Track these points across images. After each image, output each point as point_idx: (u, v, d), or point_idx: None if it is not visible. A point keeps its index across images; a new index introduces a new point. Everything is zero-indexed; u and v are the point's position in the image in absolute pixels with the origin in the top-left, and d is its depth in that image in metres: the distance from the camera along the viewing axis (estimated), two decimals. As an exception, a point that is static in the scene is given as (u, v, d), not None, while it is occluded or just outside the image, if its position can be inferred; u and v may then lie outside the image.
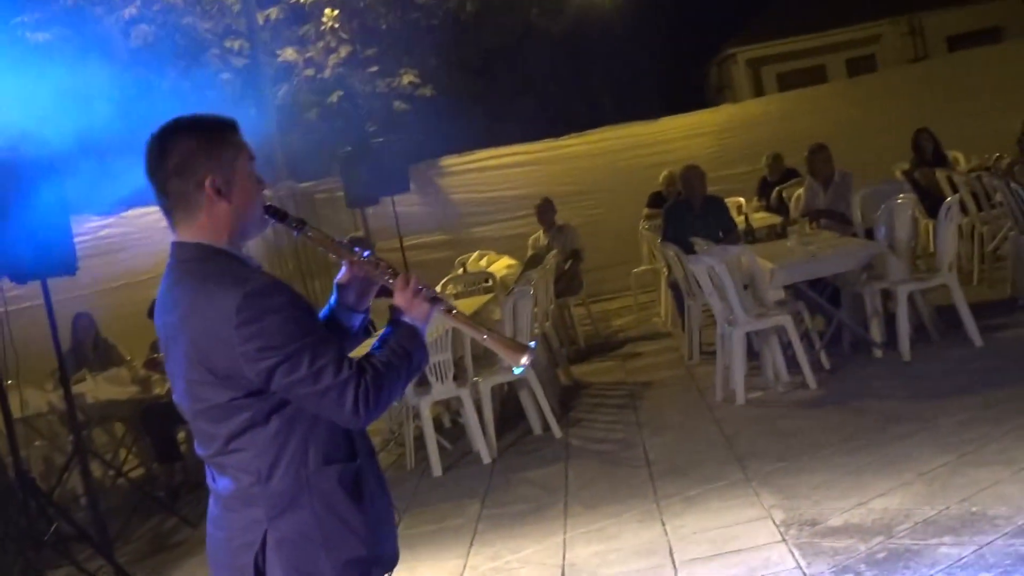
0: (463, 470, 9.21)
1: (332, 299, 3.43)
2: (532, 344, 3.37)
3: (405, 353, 3.14)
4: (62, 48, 20.06)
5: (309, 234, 3.30)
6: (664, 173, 15.44)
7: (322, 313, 3.40)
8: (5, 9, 19.44)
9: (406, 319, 3.22)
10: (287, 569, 3.09)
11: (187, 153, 3.11)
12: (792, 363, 9.63)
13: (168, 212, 3.18)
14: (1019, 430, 7.03)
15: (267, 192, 3.31)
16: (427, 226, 18.28)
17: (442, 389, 9.30)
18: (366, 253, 3.33)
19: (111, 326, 12.48)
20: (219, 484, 3.20)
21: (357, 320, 3.43)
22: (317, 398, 3.00)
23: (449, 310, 3.30)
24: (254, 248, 17.63)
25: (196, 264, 3.12)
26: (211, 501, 3.27)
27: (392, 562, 3.28)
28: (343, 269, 3.40)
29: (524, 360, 3.28)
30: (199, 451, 3.24)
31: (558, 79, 30.69)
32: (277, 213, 3.28)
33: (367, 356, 3.10)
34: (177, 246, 3.18)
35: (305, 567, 3.09)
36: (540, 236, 14.72)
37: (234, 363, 3.00)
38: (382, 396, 3.04)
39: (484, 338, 3.36)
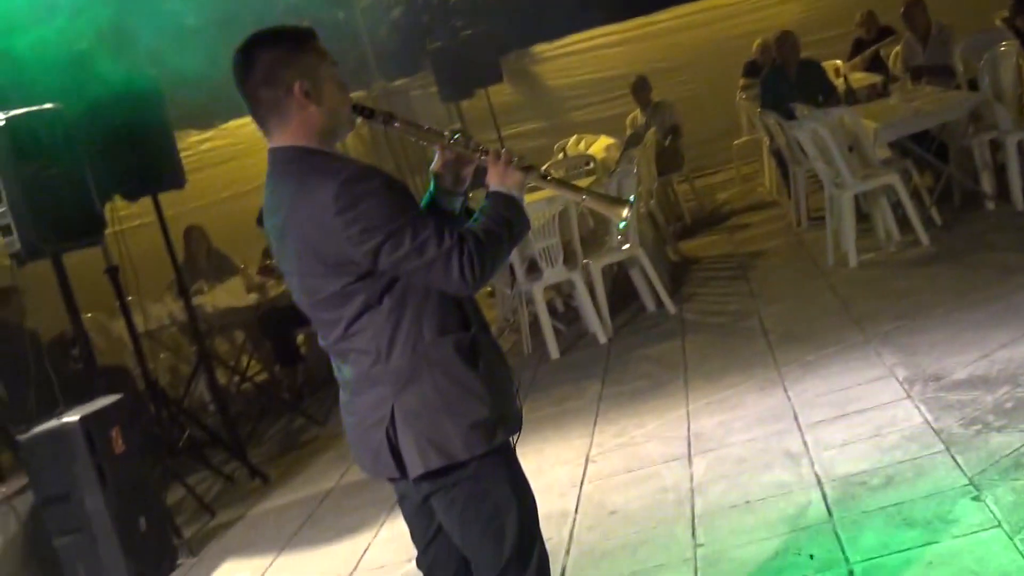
0: (580, 352, 9.26)
1: (431, 187, 3.49)
2: (631, 198, 3.44)
3: (504, 220, 3.21)
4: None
5: (396, 125, 3.38)
6: (757, 41, 15.14)
7: (422, 202, 3.46)
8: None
9: (501, 190, 3.26)
10: (417, 439, 3.21)
11: (272, 62, 3.22)
12: (903, 222, 9.51)
13: (262, 121, 3.29)
14: None
15: (360, 93, 3.41)
16: (524, 115, 18.24)
17: (553, 273, 9.34)
18: (458, 136, 3.37)
19: (222, 237, 12.63)
20: (344, 372, 3.36)
21: (457, 202, 3.49)
22: (425, 271, 3.11)
23: (544, 176, 3.37)
24: (353, 151, 17.73)
25: (294, 165, 3.22)
26: (341, 392, 3.42)
27: (517, 423, 3.38)
28: (436, 157, 3.45)
29: (625, 213, 3.33)
30: (321, 342, 3.38)
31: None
32: (364, 110, 3.36)
33: (467, 227, 3.17)
34: (274, 152, 3.29)
35: (433, 435, 3.20)
36: (637, 115, 14.64)
37: (341, 249, 3.11)
38: (486, 261, 3.11)
39: (583, 198, 3.46)
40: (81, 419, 6.71)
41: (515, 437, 3.39)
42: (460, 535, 3.35)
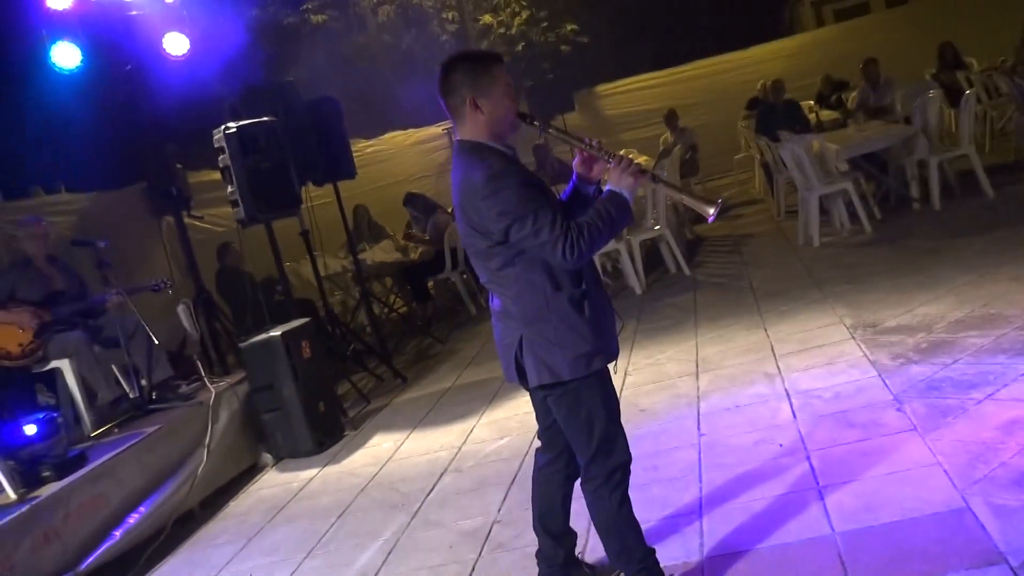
0: (622, 300, 9.22)
1: (573, 177, 3.42)
2: (719, 200, 3.29)
3: (608, 215, 3.11)
4: (333, 25, 20.28)
5: (550, 131, 3.33)
6: (759, 84, 14.99)
7: (567, 189, 3.43)
8: (296, 0, 19.72)
9: (615, 189, 3.17)
10: (535, 360, 3.25)
11: (456, 79, 3.20)
12: (853, 216, 9.37)
13: (451, 118, 3.28)
14: (1023, 256, 6.76)
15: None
16: (587, 134, 18.09)
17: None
18: (594, 143, 3.29)
19: (379, 212, 12.73)
20: (494, 303, 3.38)
21: (591, 189, 3.39)
22: (539, 248, 3.10)
23: (654, 178, 3.26)
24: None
25: (465, 155, 3.22)
26: (492, 317, 3.43)
27: (613, 355, 3.34)
28: (577, 156, 3.39)
29: (712, 211, 3.19)
30: (480, 280, 3.39)
31: (676, 20, 29.89)
32: (527, 118, 3.28)
33: (578, 219, 3.10)
34: (457, 143, 3.29)
35: (547, 359, 3.23)
36: (667, 136, 14.51)
37: (485, 222, 3.14)
38: (583, 247, 3.05)
39: (683, 198, 3.32)
40: (282, 334, 6.83)
41: (613, 365, 3.36)
42: (564, 428, 3.37)
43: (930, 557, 3.29)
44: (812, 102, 14.64)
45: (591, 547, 4.05)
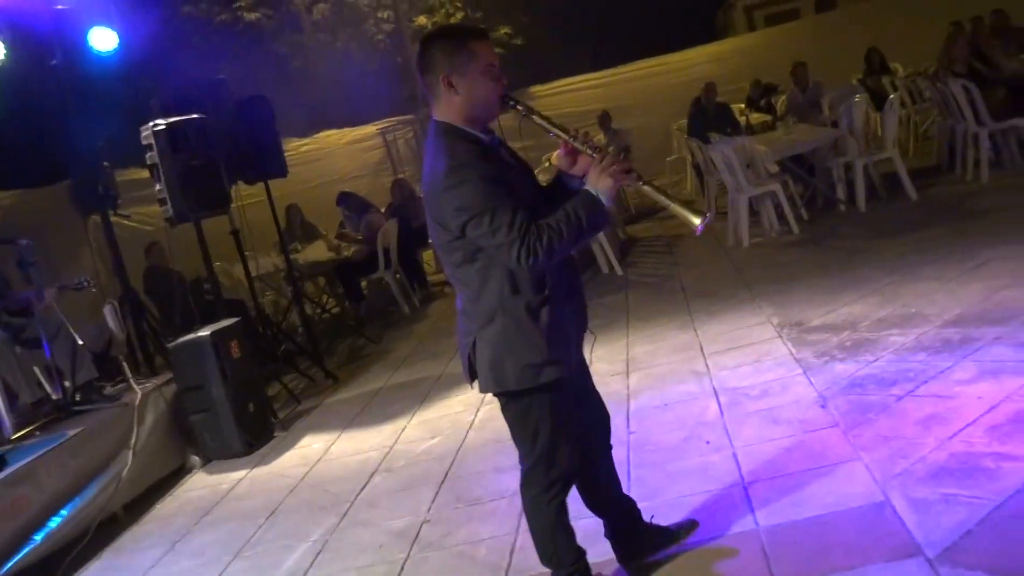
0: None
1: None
2: (708, 213, 3.00)
3: (576, 219, 2.89)
4: (267, 23, 20.07)
5: (534, 117, 3.10)
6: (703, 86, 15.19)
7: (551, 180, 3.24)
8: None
9: (590, 189, 2.95)
10: (485, 363, 3.11)
11: (432, 56, 2.99)
12: (781, 217, 9.51)
13: (429, 98, 3.08)
14: (943, 257, 6.90)
15: (410, 116, 3.23)
16: (522, 135, 18.19)
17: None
18: (579, 135, 3.06)
19: (312, 212, 12.64)
20: (457, 300, 3.21)
21: (575, 183, 3.10)
22: (495, 249, 2.92)
23: (639, 180, 3.00)
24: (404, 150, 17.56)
25: (436, 139, 3.02)
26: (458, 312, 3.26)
27: (567, 366, 3.15)
28: (561, 147, 3.15)
29: (699, 223, 2.95)
30: (445, 272, 3.26)
31: (610, 23, 30.17)
32: (509, 100, 3.06)
33: (542, 221, 2.90)
34: (431, 124, 3.08)
35: (495, 364, 3.09)
36: (601, 138, 14.55)
37: (444, 215, 2.96)
38: (540, 254, 2.85)
39: (671, 205, 3.00)
40: (211, 334, 6.73)
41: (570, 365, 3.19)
42: (510, 431, 3.28)
43: (851, 550, 3.34)
44: (743, 105, 14.85)
45: (520, 544, 4.05)
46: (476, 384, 3.21)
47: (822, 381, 5.07)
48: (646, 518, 3.67)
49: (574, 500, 3.39)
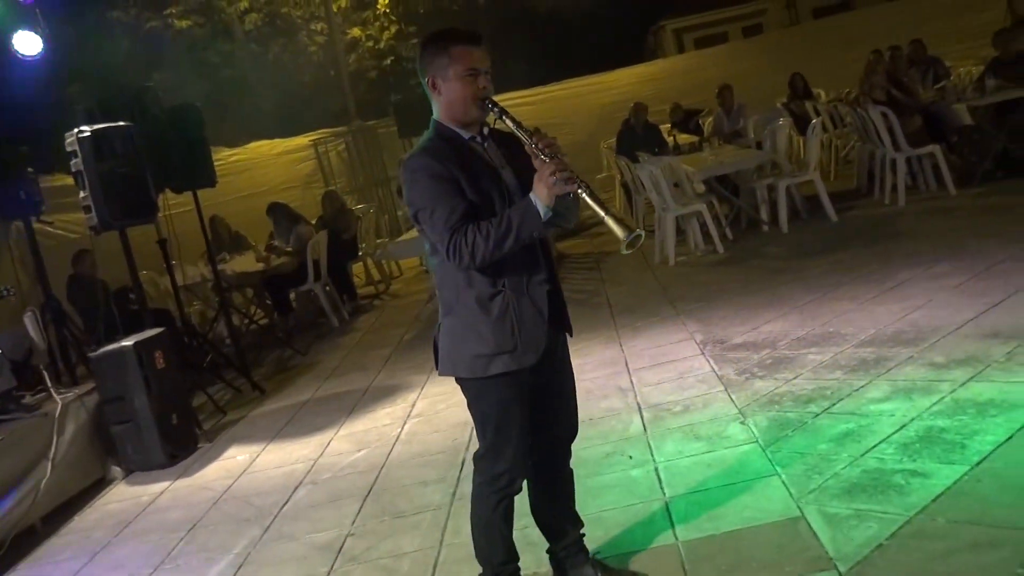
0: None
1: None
2: (638, 232, 2.97)
3: (508, 224, 2.94)
4: (198, 31, 19.82)
5: (505, 120, 3.09)
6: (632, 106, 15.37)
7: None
8: (159, 3, 19.16)
9: (531, 197, 2.97)
10: (443, 350, 3.23)
11: (421, 58, 3.14)
12: (707, 236, 9.65)
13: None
14: (861, 277, 7.07)
15: (342, 128, 3.25)
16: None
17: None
18: (536, 141, 3.01)
19: (241, 222, 12.51)
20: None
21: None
22: (435, 242, 3.05)
23: (578, 189, 2.96)
24: (334, 163, 17.46)
25: (426, 133, 3.16)
26: None
27: (523, 361, 3.12)
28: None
29: (624, 236, 2.91)
30: None
31: (545, 43, 30.42)
32: (489, 103, 3.09)
33: (478, 222, 2.96)
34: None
35: (450, 351, 3.19)
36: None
37: (406, 204, 3.13)
38: (464, 255, 2.94)
39: (603, 215, 2.96)
40: (135, 343, 6.62)
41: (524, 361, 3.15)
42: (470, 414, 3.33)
43: (767, 564, 3.40)
44: (669, 125, 15.07)
45: (443, 558, 4.05)
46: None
47: (742, 398, 5.15)
48: (591, 549, 3.67)
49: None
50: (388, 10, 21.78)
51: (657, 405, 5.40)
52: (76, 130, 7.06)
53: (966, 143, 10.50)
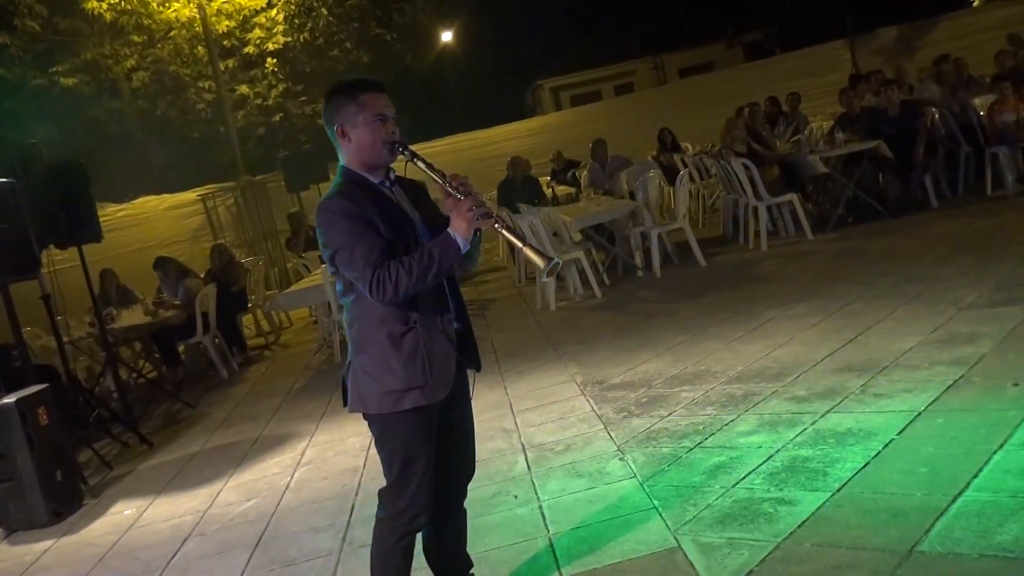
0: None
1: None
2: (556, 259, 3.02)
3: (429, 258, 2.94)
4: (85, 89, 19.30)
5: (417, 163, 3.09)
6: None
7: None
8: (45, 62, 18.62)
9: (450, 232, 2.98)
10: (352, 387, 3.16)
11: (330, 108, 3.12)
12: (585, 282, 9.77)
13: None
14: (729, 318, 7.26)
15: (230, 183, 3.21)
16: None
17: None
18: (450, 180, 3.04)
19: (129, 276, 12.12)
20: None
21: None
22: (355, 281, 3.01)
23: (495, 224, 2.99)
24: (223, 217, 17.18)
25: (335, 179, 3.15)
26: None
27: (431, 397, 3.09)
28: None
29: (543, 265, 2.92)
30: None
31: (429, 101, 30.61)
32: (399, 146, 3.10)
33: (397, 258, 2.95)
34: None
35: (360, 388, 3.12)
36: (416, 207, 14.64)
37: (322, 249, 3.09)
38: (388, 290, 2.91)
39: (520, 246, 3.05)
40: (17, 400, 6.31)
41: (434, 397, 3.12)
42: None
43: (646, 594, 3.41)
44: (548, 178, 15.30)
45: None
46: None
47: (621, 435, 5.19)
48: None
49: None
50: (276, 69, 21.62)
51: (540, 445, 5.40)
52: (-45, 187, 6.78)
53: (820, 191, 10.96)
